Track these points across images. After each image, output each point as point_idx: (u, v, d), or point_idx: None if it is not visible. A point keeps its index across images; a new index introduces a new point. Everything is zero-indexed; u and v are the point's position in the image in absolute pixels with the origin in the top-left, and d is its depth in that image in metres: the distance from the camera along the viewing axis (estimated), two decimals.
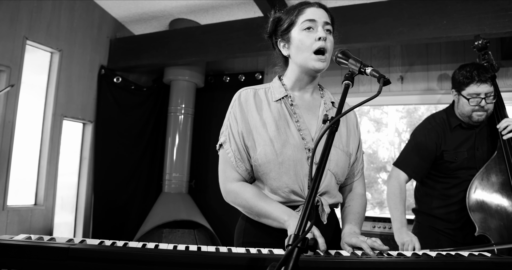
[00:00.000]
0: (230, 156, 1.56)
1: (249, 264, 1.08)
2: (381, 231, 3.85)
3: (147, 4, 4.50)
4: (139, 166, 4.96)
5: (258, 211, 1.50)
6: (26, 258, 1.01)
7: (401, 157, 2.50)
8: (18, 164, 3.82)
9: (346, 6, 3.73)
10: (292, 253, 0.90)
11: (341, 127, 1.66)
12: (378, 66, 4.43)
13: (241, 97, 1.62)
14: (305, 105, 1.63)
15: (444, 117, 2.48)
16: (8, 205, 3.63)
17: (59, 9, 4.19)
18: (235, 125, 1.57)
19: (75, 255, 1.04)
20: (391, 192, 2.39)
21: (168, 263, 1.07)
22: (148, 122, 5.11)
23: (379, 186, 9.47)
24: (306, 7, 1.57)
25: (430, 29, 3.38)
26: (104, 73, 4.65)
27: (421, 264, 1.17)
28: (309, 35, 1.52)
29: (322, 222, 1.52)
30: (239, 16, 4.42)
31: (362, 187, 1.74)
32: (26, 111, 3.94)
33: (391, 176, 2.46)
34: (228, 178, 1.58)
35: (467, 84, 2.31)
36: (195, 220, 4.28)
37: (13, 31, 3.73)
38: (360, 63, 1.38)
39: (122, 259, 1.06)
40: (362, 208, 1.68)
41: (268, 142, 1.51)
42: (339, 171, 1.58)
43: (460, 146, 2.39)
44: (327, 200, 1.57)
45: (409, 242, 2.09)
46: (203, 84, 5.05)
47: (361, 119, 10.47)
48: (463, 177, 2.39)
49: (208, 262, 1.08)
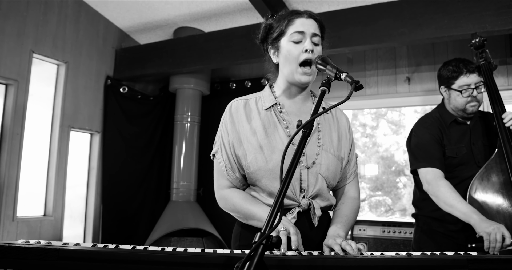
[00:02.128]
0: (222, 165, 1.69)
1: (227, 262, 1.19)
2: (391, 235, 3.89)
3: (151, 13, 4.69)
4: (147, 175, 5.13)
5: (245, 214, 1.62)
6: (20, 258, 1.15)
7: (419, 157, 2.46)
8: (27, 175, 4.02)
9: (347, 9, 3.83)
10: (256, 250, 1.00)
11: (332, 131, 1.74)
12: (384, 67, 4.51)
13: (232, 108, 1.73)
14: (295, 111, 1.72)
15: (437, 116, 2.53)
16: (17, 216, 3.82)
17: (64, 21, 4.40)
18: (226, 136, 1.69)
19: (65, 256, 1.17)
20: (441, 194, 2.28)
21: (154, 262, 1.19)
22: (156, 131, 5.28)
23: (399, 191, 9.41)
24: (295, 18, 1.67)
25: (431, 29, 3.46)
26: (110, 84, 4.84)
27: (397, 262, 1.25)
28: (296, 47, 1.62)
29: (314, 224, 1.61)
30: (242, 23, 4.57)
31: (355, 191, 1.81)
32: (33, 123, 4.15)
33: (427, 182, 2.37)
34: (220, 186, 1.72)
35: (456, 77, 2.40)
36: (203, 228, 4.41)
37: (20, 45, 3.94)
38: (336, 69, 1.45)
39: (109, 259, 1.19)
40: (351, 211, 1.73)
41: (258, 150, 1.61)
42: (330, 175, 1.66)
43: (459, 142, 2.44)
44: (319, 203, 1.65)
45: (496, 230, 1.98)
46: (209, 92, 5.20)
47: (378, 122, 10.48)
48: (462, 175, 2.42)
49: (193, 262, 1.20)
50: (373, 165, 9.88)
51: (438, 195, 2.27)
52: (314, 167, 1.62)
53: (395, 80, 4.46)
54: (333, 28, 4.08)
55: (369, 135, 10.34)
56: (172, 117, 5.17)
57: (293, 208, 1.61)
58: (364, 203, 10.21)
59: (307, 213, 1.62)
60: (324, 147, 1.65)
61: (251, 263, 0.98)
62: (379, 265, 1.24)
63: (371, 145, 10.44)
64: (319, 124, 1.71)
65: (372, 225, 4.00)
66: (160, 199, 5.18)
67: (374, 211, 9.99)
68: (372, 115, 10.36)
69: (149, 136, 5.19)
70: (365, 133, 10.38)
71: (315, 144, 1.66)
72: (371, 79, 4.58)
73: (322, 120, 1.73)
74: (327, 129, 1.72)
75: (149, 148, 5.17)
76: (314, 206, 1.61)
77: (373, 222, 4.03)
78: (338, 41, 3.75)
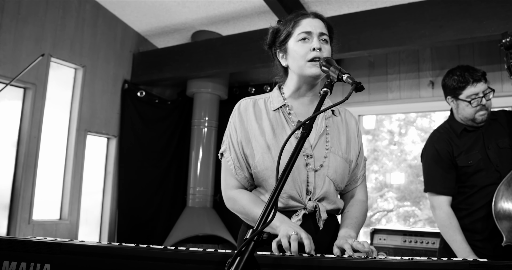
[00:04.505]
0: (230, 164, 1.74)
1: (223, 260, 1.25)
2: (413, 245, 3.87)
3: (168, 17, 4.82)
4: (164, 180, 5.24)
5: (254, 217, 1.66)
6: (24, 251, 1.24)
7: (426, 180, 2.56)
8: (43, 179, 4.18)
9: (366, 11, 3.87)
10: (248, 245, 1.06)
11: (341, 134, 1.78)
12: (407, 71, 4.51)
13: (241, 107, 1.79)
14: (303, 113, 1.77)
15: (447, 126, 2.56)
16: (33, 219, 3.98)
17: (82, 26, 4.58)
18: (234, 135, 1.75)
19: (66, 250, 1.26)
20: (440, 224, 2.45)
21: (153, 259, 1.27)
22: (173, 136, 5.40)
23: (427, 201, 9.28)
24: (302, 19, 1.72)
25: (453, 30, 3.46)
26: (127, 88, 4.99)
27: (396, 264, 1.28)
28: (303, 46, 1.67)
29: (319, 227, 1.65)
30: (260, 26, 4.65)
31: (363, 194, 1.85)
32: (51, 127, 4.32)
33: (432, 207, 2.51)
34: (228, 186, 1.76)
35: (463, 87, 2.41)
36: (219, 235, 4.48)
37: (38, 49, 4.12)
38: (339, 70, 1.49)
39: (109, 254, 1.27)
40: (360, 213, 1.77)
41: (265, 149, 1.67)
42: (337, 178, 1.69)
43: (471, 149, 2.44)
44: (326, 206, 1.68)
45: None
46: (227, 96, 5.29)
47: (407, 129, 10.38)
48: (481, 183, 2.42)
49: (189, 259, 1.27)
50: (399, 174, 9.77)
51: (438, 226, 2.43)
52: (322, 169, 1.65)
53: (418, 84, 4.46)
54: (352, 30, 4.13)
55: (397, 142, 10.24)
56: (189, 122, 5.28)
57: (298, 210, 1.64)
58: (392, 214, 10.07)
59: (313, 216, 1.65)
60: (332, 150, 1.69)
61: (241, 258, 1.04)
62: (377, 267, 1.26)
63: (399, 153, 10.33)
64: (327, 127, 1.74)
65: (393, 234, 3.98)
66: (176, 204, 5.28)
67: (403, 222, 9.86)
68: (401, 122, 10.26)
69: (166, 141, 5.31)
70: (393, 140, 10.28)
71: (323, 146, 1.70)
72: (393, 83, 4.58)
73: (330, 123, 1.77)
74: (335, 132, 1.76)
75: (166, 153, 5.29)
76: (320, 208, 1.64)
77: (394, 231, 4.00)
78: (356, 44, 3.78)
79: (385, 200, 10.08)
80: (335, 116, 1.81)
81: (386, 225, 9.28)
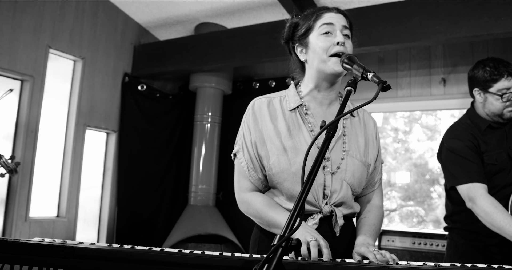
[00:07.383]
0: (243, 165, 1.72)
1: (244, 265, 1.23)
2: (422, 248, 3.87)
3: (171, 8, 4.78)
4: (165, 177, 5.22)
5: (268, 221, 1.64)
6: (37, 255, 1.22)
7: (458, 172, 2.40)
8: (40, 175, 4.15)
9: (378, 5, 3.84)
10: (275, 252, 1.04)
11: (358, 136, 1.75)
12: (417, 68, 4.49)
13: (255, 106, 1.76)
14: (321, 113, 1.74)
15: (468, 122, 2.49)
16: (30, 217, 3.95)
17: (82, 16, 4.54)
18: (248, 135, 1.72)
19: (80, 254, 1.23)
20: (485, 214, 2.23)
21: (171, 264, 1.25)
22: (174, 131, 5.37)
23: (433, 201, 9.28)
24: (324, 12, 1.70)
25: (469, 26, 3.43)
26: (128, 81, 4.96)
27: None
28: (326, 39, 1.64)
29: (335, 233, 1.63)
30: (267, 19, 4.61)
31: (379, 199, 1.83)
32: (49, 120, 4.28)
33: (471, 199, 2.31)
34: (241, 188, 1.74)
35: (495, 80, 2.34)
36: (222, 234, 4.46)
37: (36, 40, 4.08)
38: (363, 68, 1.46)
39: (125, 258, 1.24)
40: (377, 220, 1.75)
41: (281, 151, 1.64)
42: (355, 182, 1.67)
43: (497, 147, 2.39)
44: (342, 211, 1.66)
45: None
46: (231, 91, 5.26)
47: (412, 126, 10.36)
48: (501, 183, 2.39)
49: (210, 264, 1.25)
50: (404, 173, 9.76)
51: (482, 215, 2.21)
52: (339, 172, 1.63)
53: (429, 82, 4.44)
54: (363, 25, 4.11)
55: (401, 140, 10.23)
56: (191, 117, 5.25)
57: (314, 214, 1.62)
58: (395, 213, 10.09)
59: (329, 220, 1.63)
60: (349, 153, 1.66)
61: (270, 265, 1.01)
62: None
63: (403, 151, 10.32)
64: (345, 128, 1.72)
65: (402, 236, 3.98)
66: (177, 202, 5.26)
67: (406, 222, 9.87)
68: (405, 119, 10.23)
69: (168, 137, 5.28)
70: (397, 138, 10.27)
71: (340, 149, 1.67)
72: (403, 80, 4.56)
73: (348, 124, 1.74)
74: (353, 134, 1.73)
75: (167, 149, 5.26)
76: (336, 214, 1.62)
77: (403, 233, 4.01)
78: (368, 40, 3.75)
79: (388, 200, 10.10)
80: (353, 116, 1.78)
81: (389, 225, 9.30)
